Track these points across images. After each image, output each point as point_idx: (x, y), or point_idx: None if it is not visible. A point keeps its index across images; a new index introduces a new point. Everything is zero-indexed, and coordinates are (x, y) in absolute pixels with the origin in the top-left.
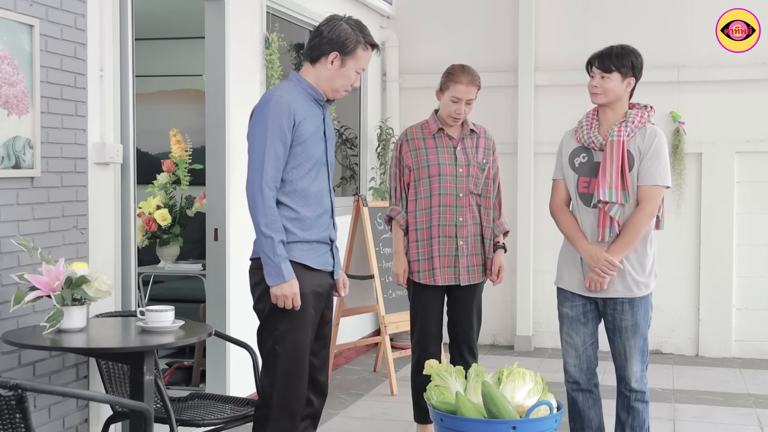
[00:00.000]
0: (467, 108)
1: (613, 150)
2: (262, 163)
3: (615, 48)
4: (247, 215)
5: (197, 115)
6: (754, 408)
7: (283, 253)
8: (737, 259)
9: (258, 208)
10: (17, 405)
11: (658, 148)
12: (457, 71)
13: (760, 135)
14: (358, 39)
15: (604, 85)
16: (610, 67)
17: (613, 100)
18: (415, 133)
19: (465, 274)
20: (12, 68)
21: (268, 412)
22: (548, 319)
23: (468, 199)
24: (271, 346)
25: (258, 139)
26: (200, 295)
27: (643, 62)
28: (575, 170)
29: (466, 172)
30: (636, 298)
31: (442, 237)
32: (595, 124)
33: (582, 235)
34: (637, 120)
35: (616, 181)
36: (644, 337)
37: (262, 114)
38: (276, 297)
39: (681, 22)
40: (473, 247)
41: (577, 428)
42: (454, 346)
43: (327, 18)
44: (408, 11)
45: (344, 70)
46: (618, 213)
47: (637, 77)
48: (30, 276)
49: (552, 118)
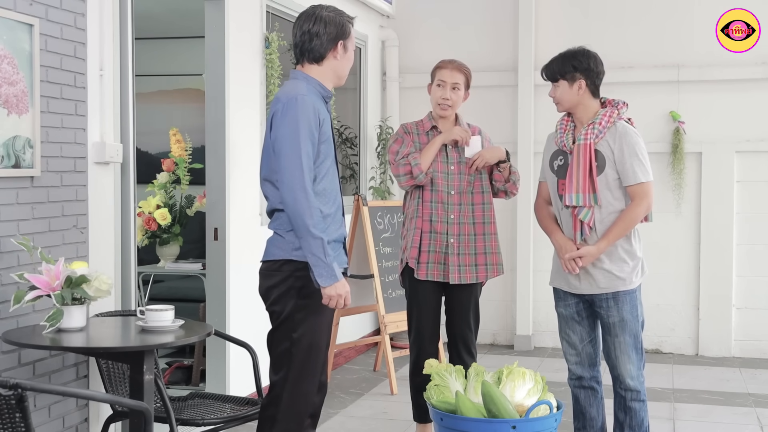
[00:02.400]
0: (454, 94)
1: (580, 154)
2: (300, 164)
3: (558, 56)
4: (246, 215)
5: (197, 115)
6: (754, 407)
7: (331, 253)
8: (737, 258)
9: (304, 210)
10: (17, 404)
11: (631, 145)
12: (442, 60)
13: (760, 135)
14: (348, 20)
15: (555, 94)
16: (555, 76)
17: (572, 105)
18: (410, 128)
19: (456, 272)
20: (12, 67)
21: (276, 412)
22: (548, 318)
23: (459, 197)
24: (287, 347)
25: (291, 140)
26: (200, 295)
27: (596, 62)
28: (554, 173)
29: (457, 169)
30: (620, 292)
31: (433, 233)
32: (570, 126)
33: (556, 228)
34: (605, 120)
35: (584, 185)
36: (634, 334)
37: (290, 114)
38: (330, 297)
39: (681, 22)
40: (466, 246)
41: (579, 427)
42: (452, 346)
43: (307, 16)
44: (408, 10)
45: (348, 54)
46: (588, 216)
47: (589, 77)
48: (30, 275)
49: (552, 118)
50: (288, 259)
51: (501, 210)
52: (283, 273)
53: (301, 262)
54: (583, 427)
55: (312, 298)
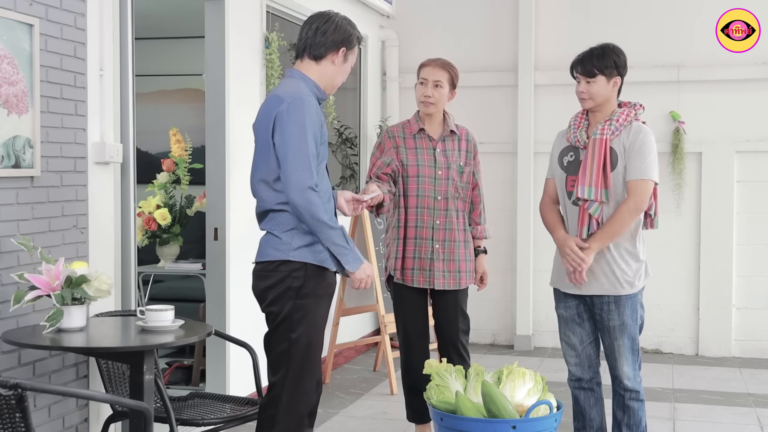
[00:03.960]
0: (436, 92)
1: (596, 148)
2: (309, 164)
3: (595, 50)
4: (246, 215)
5: (197, 115)
6: (754, 407)
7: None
8: (737, 258)
9: (317, 206)
10: (17, 404)
11: (642, 143)
12: (427, 59)
13: (760, 134)
14: (357, 35)
15: (590, 90)
16: (593, 71)
17: (603, 102)
18: (396, 132)
19: (440, 278)
20: (12, 67)
21: (275, 412)
22: (548, 318)
23: (446, 202)
24: (286, 348)
25: (298, 139)
26: (200, 295)
27: (626, 58)
28: (564, 169)
29: (445, 174)
30: (622, 296)
31: (418, 239)
32: (583, 124)
33: (560, 226)
34: (623, 118)
35: (597, 179)
36: (633, 337)
37: (297, 114)
38: (360, 281)
39: (681, 22)
40: (450, 252)
41: (578, 427)
42: (443, 349)
43: (321, 15)
44: (408, 11)
45: (346, 66)
46: (597, 211)
47: (622, 75)
48: (30, 275)
49: (552, 118)
50: (285, 260)
51: (501, 210)
52: (280, 273)
53: (298, 263)
54: (583, 428)
55: (309, 298)
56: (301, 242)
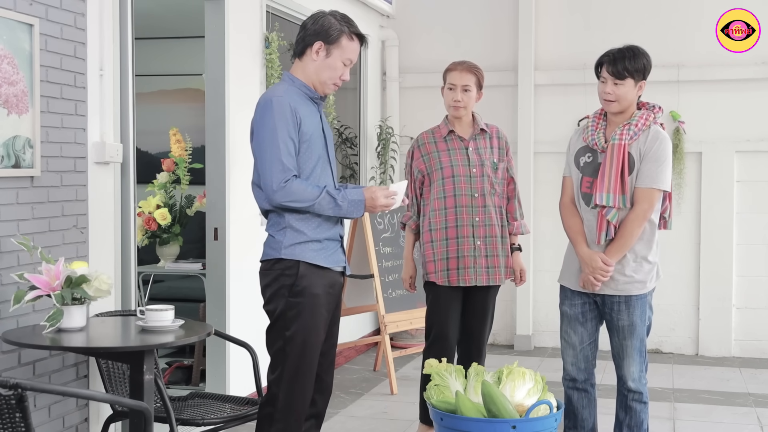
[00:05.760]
0: (465, 96)
1: (614, 153)
2: (279, 162)
3: (627, 51)
4: (246, 215)
5: (197, 115)
6: (754, 407)
7: (339, 193)
8: (737, 258)
9: (298, 197)
10: (17, 404)
11: (658, 151)
12: (452, 63)
13: (760, 134)
14: (342, 29)
15: (617, 92)
16: (624, 74)
17: (629, 105)
18: (426, 138)
19: (484, 274)
20: (12, 67)
21: (273, 411)
22: (548, 318)
23: (483, 199)
24: (281, 346)
25: (268, 142)
26: (200, 295)
27: (651, 60)
28: (580, 169)
29: (480, 172)
30: (632, 296)
31: (460, 237)
32: (601, 125)
33: (582, 240)
34: (641, 122)
35: (615, 185)
36: (641, 338)
37: (266, 116)
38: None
39: (681, 22)
40: (492, 248)
41: (569, 426)
42: (463, 345)
43: (313, 14)
44: (408, 10)
45: (330, 61)
46: (615, 217)
47: (646, 78)
48: (30, 275)
49: (552, 118)
50: (278, 258)
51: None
52: (274, 272)
53: (290, 261)
54: (573, 427)
55: (303, 296)
56: (292, 240)
